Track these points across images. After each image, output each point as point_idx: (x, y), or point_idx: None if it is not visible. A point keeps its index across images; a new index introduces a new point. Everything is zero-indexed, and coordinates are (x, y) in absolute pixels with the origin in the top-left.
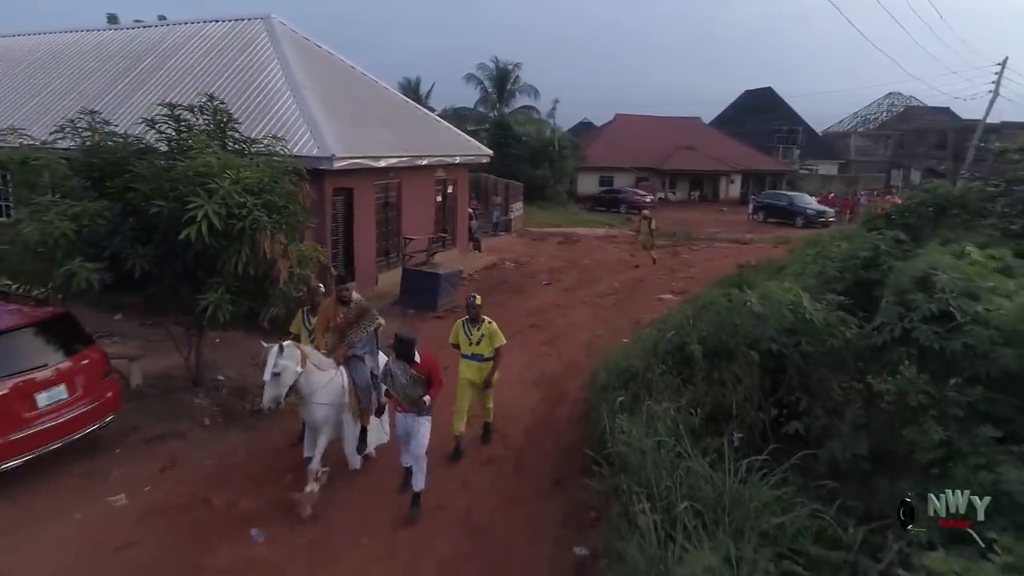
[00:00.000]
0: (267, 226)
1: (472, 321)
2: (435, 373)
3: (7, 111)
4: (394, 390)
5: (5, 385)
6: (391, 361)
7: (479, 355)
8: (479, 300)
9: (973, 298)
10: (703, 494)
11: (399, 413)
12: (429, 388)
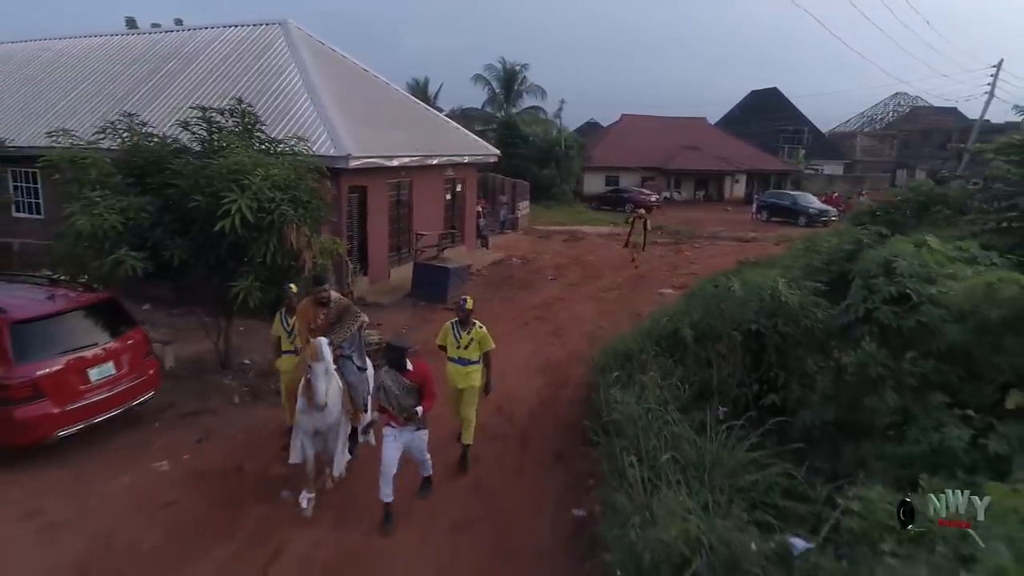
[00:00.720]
0: (293, 219)
1: (462, 324)
2: (428, 384)
3: (40, 112)
4: (387, 403)
5: (62, 361)
6: (383, 372)
7: (466, 359)
8: (470, 303)
9: (929, 282)
10: (686, 454)
11: (392, 429)
12: (422, 399)
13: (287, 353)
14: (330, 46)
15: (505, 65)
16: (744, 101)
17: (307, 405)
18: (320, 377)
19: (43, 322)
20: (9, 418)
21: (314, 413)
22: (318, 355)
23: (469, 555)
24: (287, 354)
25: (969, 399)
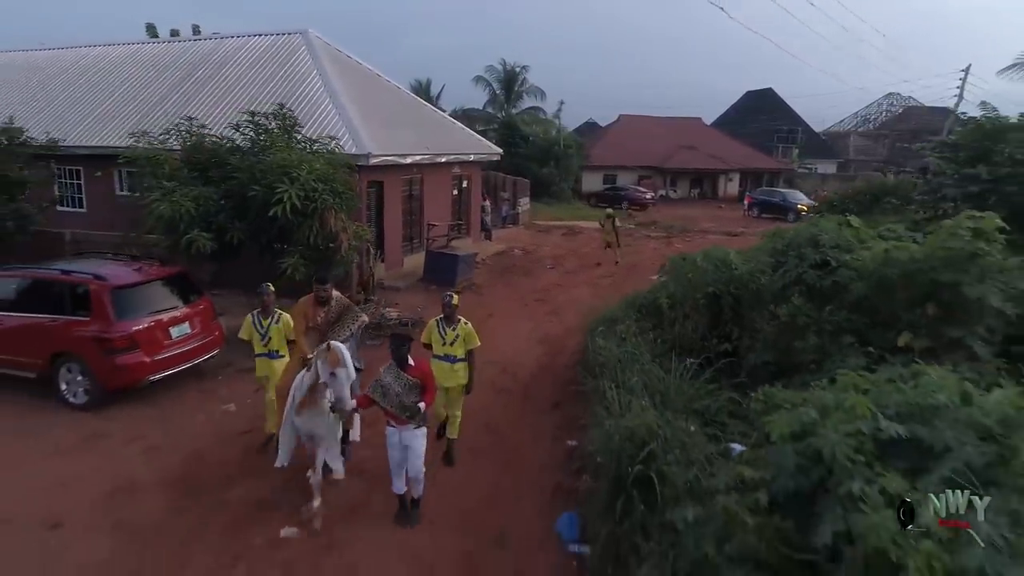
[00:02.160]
0: (332, 207)
1: (447, 320)
2: (428, 379)
3: (81, 115)
4: (386, 401)
5: (150, 320)
6: (382, 372)
7: (452, 356)
8: (455, 300)
9: (846, 251)
10: (653, 384)
11: (392, 428)
12: (423, 394)
13: (260, 356)
14: (346, 53)
15: (506, 66)
16: (740, 101)
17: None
18: (344, 384)
19: (135, 288)
20: (112, 364)
21: (312, 417)
22: (341, 361)
23: (485, 471)
24: (260, 357)
25: (874, 341)
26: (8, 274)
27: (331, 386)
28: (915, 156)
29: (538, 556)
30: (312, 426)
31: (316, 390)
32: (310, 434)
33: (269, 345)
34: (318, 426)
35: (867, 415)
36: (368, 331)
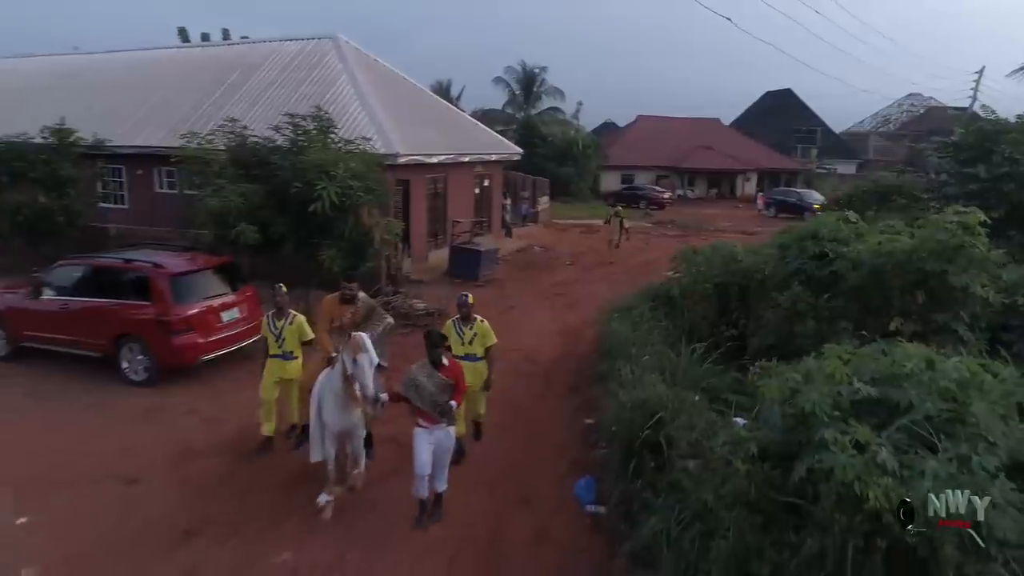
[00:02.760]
0: (366, 203)
1: (464, 320)
2: (461, 380)
3: (122, 116)
4: (420, 400)
5: (203, 305)
6: (415, 369)
7: (472, 355)
8: (471, 299)
9: (843, 244)
10: (664, 363)
11: (423, 428)
12: (455, 394)
13: (274, 357)
14: (373, 56)
15: (525, 68)
16: (759, 102)
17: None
18: (367, 370)
19: (189, 276)
20: (170, 344)
21: (342, 411)
22: (363, 347)
23: (509, 444)
24: (274, 358)
25: (868, 326)
26: (76, 263)
27: (355, 374)
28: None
29: (558, 515)
30: (342, 422)
31: (346, 383)
32: (342, 430)
33: (283, 346)
34: (348, 421)
35: (845, 380)
36: (397, 320)
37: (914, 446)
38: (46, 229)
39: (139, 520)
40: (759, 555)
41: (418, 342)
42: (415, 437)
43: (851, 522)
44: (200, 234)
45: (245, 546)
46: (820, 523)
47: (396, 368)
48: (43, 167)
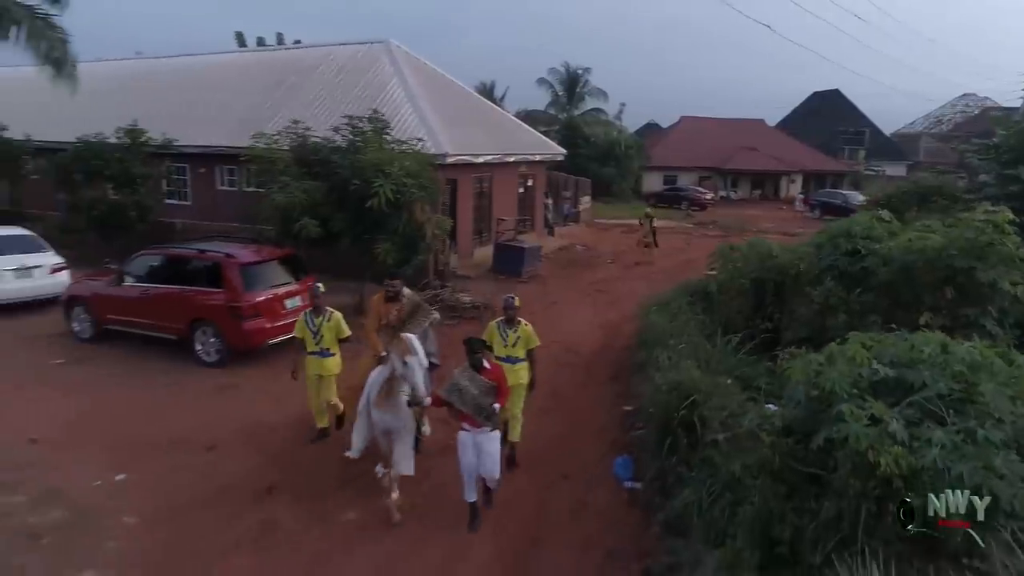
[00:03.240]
0: (419, 199)
1: (508, 323)
2: (503, 382)
3: (186, 117)
4: (463, 403)
5: (269, 293)
6: (457, 374)
7: (514, 357)
8: (517, 301)
9: (876, 241)
10: (700, 353)
11: (467, 433)
12: (498, 397)
13: (312, 355)
14: (423, 60)
15: (568, 69)
16: (806, 103)
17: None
18: (417, 371)
19: (258, 266)
20: (240, 329)
21: (389, 411)
22: (411, 349)
23: (551, 426)
24: (312, 355)
25: (897, 320)
26: (154, 253)
27: (405, 376)
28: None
29: (597, 490)
30: (389, 420)
31: (392, 383)
32: (387, 429)
33: (321, 343)
34: (395, 420)
35: (865, 362)
36: (444, 312)
37: (925, 421)
38: (118, 223)
39: (220, 480)
40: (781, 519)
41: (465, 332)
42: (459, 442)
43: (864, 487)
44: (261, 229)
45: (316, 505)
46: (837, 490)
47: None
48: (117, 165)
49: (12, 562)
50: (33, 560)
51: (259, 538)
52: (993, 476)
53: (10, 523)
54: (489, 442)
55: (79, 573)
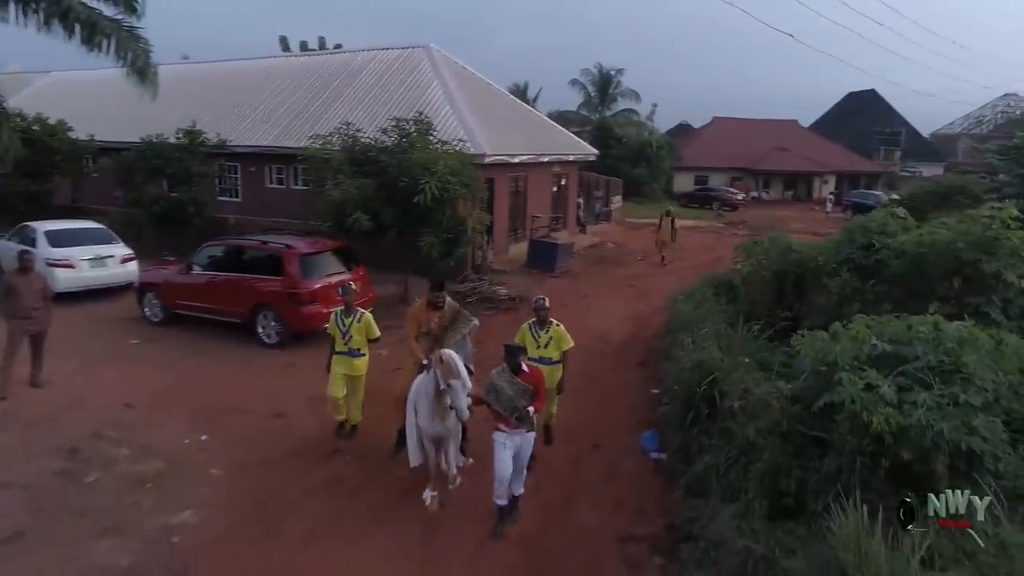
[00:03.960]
0: (462, 196)
1: (540, 324)
2: (540, 386)
3: (237, 119)
4: (499, 404)
5: (325, 280)
6: (495, 375)
7: (547, 358)
8: (547, 302)
9: (890, 236)
10: (721, 338)
11: (503, 432)
12: (534, 400)
13: (340, 354)
14: (461, 64)
15: (601, 70)
16: (841, 103)
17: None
18: (461, 394)
19: (315, 256)
20: (298, 313)
21: (438, 421)
22: (454, 372)
23: (583, 404)
24: (340, 355)
25: (908, 309)
26: (220, 244)
27: (449, 395)
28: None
29: (626, 459)
30: (438, 429)
31: (441, 397)
32: (436, 436)
33: (350, 343)
34: (442, 427)
35: (867, 339)
36: (482, 303)
37: (914, 387)
38: (176, 218)
39: (290, 443)
40: (788, 474)
41: (502, 321)
42: (495, 442)
43: (859, 444)
44: (309, 223)
45: (373, 465)
46: (836, 447)
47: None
48: (177, 164)
49: (126, 500)
50: (142, 498)
51: (327, 489)
52: (973, 434)
53: (119, 470)
54: (524, 444)
55: (180, 511)
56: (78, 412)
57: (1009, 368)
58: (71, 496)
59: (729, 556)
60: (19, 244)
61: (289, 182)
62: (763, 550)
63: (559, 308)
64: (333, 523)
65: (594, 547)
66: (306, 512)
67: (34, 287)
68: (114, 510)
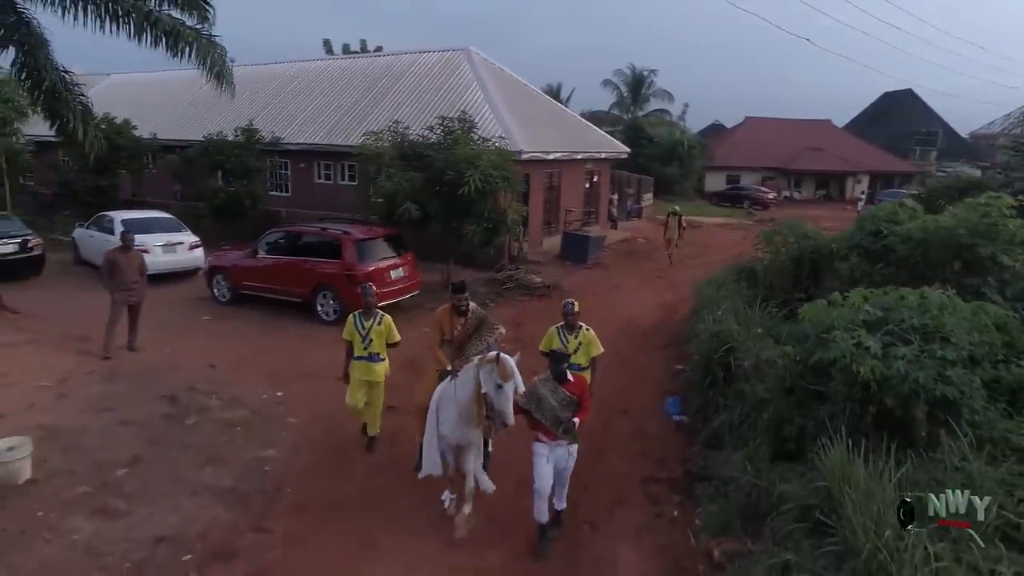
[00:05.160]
0: (503, 188)
1: (568, 328)
2: (585, 396)
3: (288, 118)
4: (540, 414)
5: (380, 263)
6: (538, 382)
7: (575, 364)
8: (577, 306)
9: (897, 223)
10: (740, 316)
11: (543, 444)
12: (578, 411)
13: (359, 359)
14: (499, 66)
15: (634, 71)
16: (876, 103)
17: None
18: (511, 398)
19: (369, 241)
20: (355, 293)
21: (462, 426)
22: (511, 373)
23: (614, 377)
24: (359, 360)
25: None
26: (282, 230)
27: (495, 398)
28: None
29: (651, 421)
30: (462, 435)
31: (478, 404)
32: (460, 443)
33: (370, 348)
34: (469, 435)
35: (861, 306)
36: (518, 290)
37: (898, 344)
38: (234, 210)
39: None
40: (790, 422)
41: (536, 307)
42: (535, 452)
43: (850, 392)
44: (356, 217)
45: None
46: (831, 397)
47: (521, 323)
48: (235, 160)
49: (221, 439)
50: (234, 438)
51: (388, 439)
52: (947, 383)
53: (212, 416)
54: (566, 456)
55: (267, 448)
56: (171, 371)
57: (987, 331)
58: (176, 433)
59: (737, 490)
60: (97, 232)
61: (336, 178)
62: (765, 483)
63: (591, 296)
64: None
65: (622, 487)
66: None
67: (133, 263)
68: (212, 445)
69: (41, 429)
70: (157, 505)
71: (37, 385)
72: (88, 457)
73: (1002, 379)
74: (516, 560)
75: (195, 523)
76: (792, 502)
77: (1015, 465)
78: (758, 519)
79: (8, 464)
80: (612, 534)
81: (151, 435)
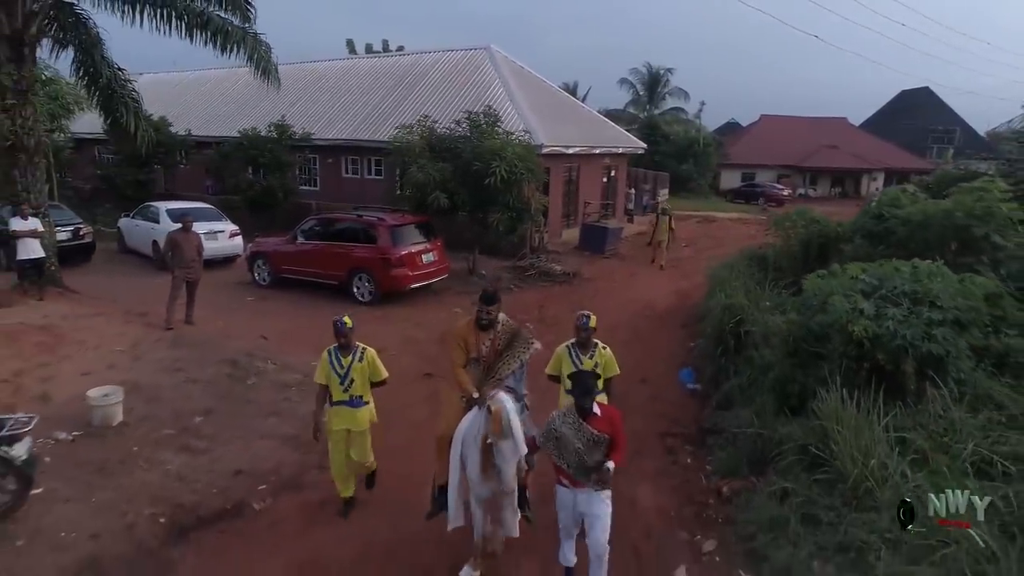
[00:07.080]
0: (527, 179)
1: (581, 346)
2: (619, 432)
3: (316, 115)
4: (560, 456)
5: (412, 248)
6: (558, 417)
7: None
8: (593, 321)
9: (898, 207)
10: (750, 295)
11: (565, 489)
12: (612, 452)
13: (338, 404)
14: (519, 63)
15: (650, 69)
16: (893, 101)
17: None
18: (509, 459)
19: (402, 227)
20: (389, 276)
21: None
22: (504, 432)
23: (633, 352)
24: (338, 406)
25: None
26: (320, 218)
27: (494, 454)
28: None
29: (667, 390)
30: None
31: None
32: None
33: (351, 390)
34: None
35: (858, 276)
36: (540, 277)
37: (889, 306)
38: (267, 203)
39: (394, 368)
40: (792, 380)
41: (558, 292)
42: (557, 497)
43: (846, 350)
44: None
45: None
46: (829, 356)
47: (544, 305)
48: (269, 154)
49: (279, 397)
50: (291, 396)
51: (425, 401)
52: (932, 341)
53: (269, 378)
54: (595, 504)
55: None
56: (228, 340)
57: (972, 298)
58: (239, 391)
59: (744, 439)
60: (143, 221)
61: (363, 172)
62: (769, 432)
63: (609, 283)
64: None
65: (641, 441)
66: (413, 415)
67: (192, 243)
68: (272, 402)
69: (124, 384)
70: (231, 446)
71: (113, 349)
72: (168, 407)
73: (991, 347)
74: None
75: (267, 461)
76: (792, 442)
77: (993, 413)
78: (763, 463)
79: (105, 407)
80: (631, 476)
81: (218, 391)
